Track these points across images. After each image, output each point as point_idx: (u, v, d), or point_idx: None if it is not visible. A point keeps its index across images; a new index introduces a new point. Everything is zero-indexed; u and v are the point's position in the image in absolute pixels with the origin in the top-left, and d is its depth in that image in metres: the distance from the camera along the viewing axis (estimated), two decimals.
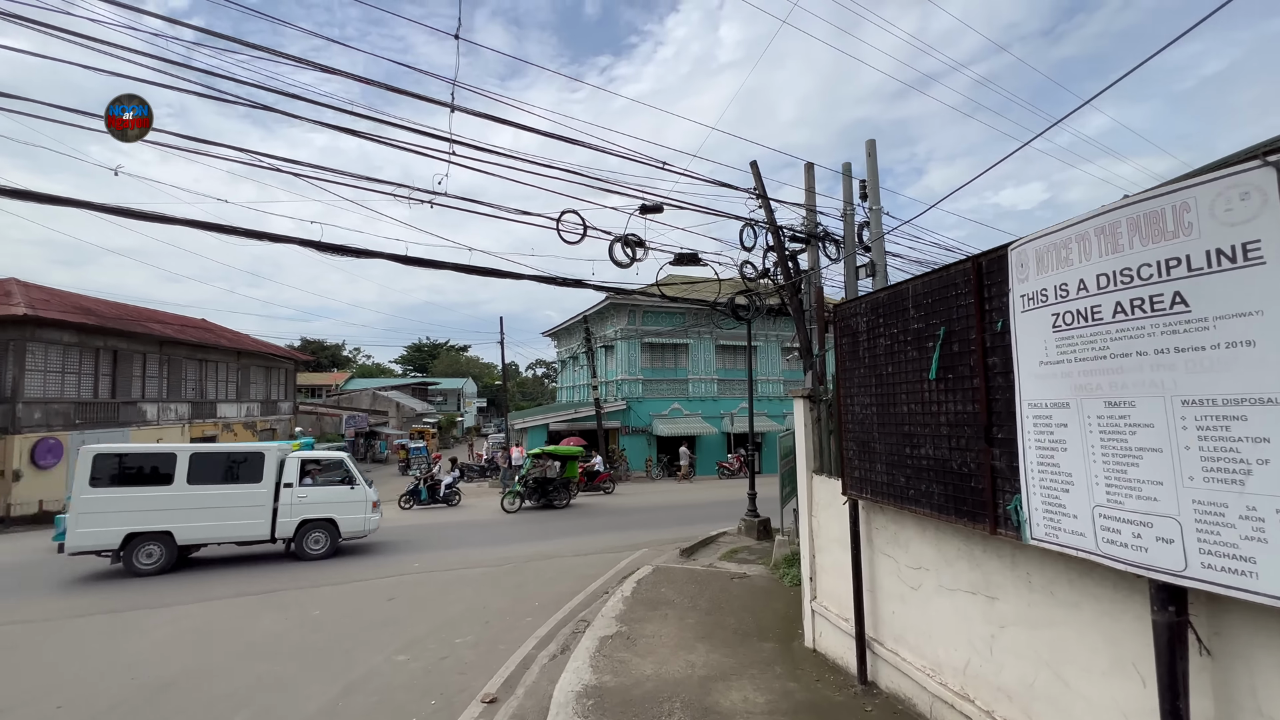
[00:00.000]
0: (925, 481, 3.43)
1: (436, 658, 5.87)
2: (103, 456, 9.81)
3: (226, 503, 10.20)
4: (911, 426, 3.54)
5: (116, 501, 9.61)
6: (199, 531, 10.07)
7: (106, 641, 6.51)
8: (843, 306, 4.34)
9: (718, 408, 27.37)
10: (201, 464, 10.22)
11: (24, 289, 19.55)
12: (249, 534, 10.35)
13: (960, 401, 3.14)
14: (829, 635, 4.89)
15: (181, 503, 9.91)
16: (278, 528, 10.50)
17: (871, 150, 10.83)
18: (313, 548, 10.64)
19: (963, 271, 3.14)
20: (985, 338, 2.98)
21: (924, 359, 3.43)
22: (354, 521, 11.03)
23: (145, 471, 10.04)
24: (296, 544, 10.64)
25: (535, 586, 8.45)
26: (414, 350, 75.54)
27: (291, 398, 32.51)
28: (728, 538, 11.57)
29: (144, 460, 10.17)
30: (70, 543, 9.41)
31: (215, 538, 10.25)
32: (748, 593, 7.33)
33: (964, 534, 3.36)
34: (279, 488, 10.60)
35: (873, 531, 4.24)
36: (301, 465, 10.97)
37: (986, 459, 2.94)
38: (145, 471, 10.04)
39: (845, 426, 4.29)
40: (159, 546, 9.79)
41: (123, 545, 9.60)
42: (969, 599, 3.35)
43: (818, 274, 11.51)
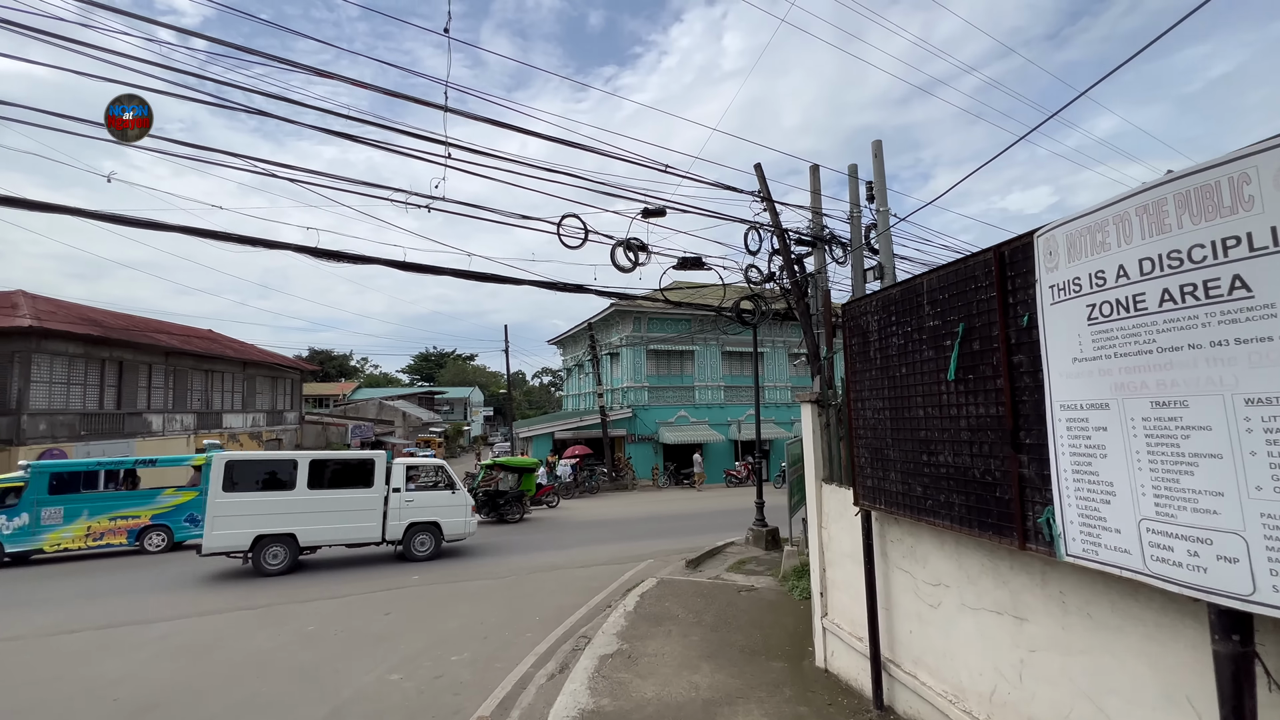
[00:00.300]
0: (944, 491, 3.17)
1: (430, 676, 5.62)
2: (233, 463, 10.42)
3: (342, 506, 10.77)
4: (928, 432, 3.29)
5: (246, 505, 10.18)
6: (318, 534, 10.63)
7: (92, 659, 6.31)
8: (852, 305, 4.10)
9: (724, 415, 27.06)
10: (319, 470, 10.82)
11: (30, 300, 19.62)
12: (362, 537, 10.88)
13: (982, 404, 2.89)
14: (841, 655, 4.61)
15: (302, 506, 10.49)
16: (387, 530, 11.00)
17: (878, 151, 10.61)
18: (419, 549, 11.17)
19: (983, 263, 2.90)
20: (1009, 334, 2.73)
21: (941, 359, 3.18)
22: (456, 525, 11.60)
23: (270, 477, 10.66)
24: (405, 546, 11.15)
25: (536, 599, 8.19)
26: (421, 360, 75.71)
27: (298, 408, 32.49)
28: (735, 548, 11.27)
29: (269, 467, 10.82)
30: (207, 544, 9.98)
31: (332, 540, 10.77)
32: (755, 607, 7.04)
33: (988, 549, 3.09)
34: (388, 493, 11.12)
35: (887, 545, 3.97)
36: (406, 471, 11.53)
37: (1013, 467, 2.68)
38: (270, 477, 10.66)
39: (856, 433, 4.03)
40: (283, 548, 10.35)
41: (251, 546, 10.17)
42: (995, 619, 3.08)
43: (824, 277, 11.28)
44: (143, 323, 24.40)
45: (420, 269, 8.79)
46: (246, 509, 10.15)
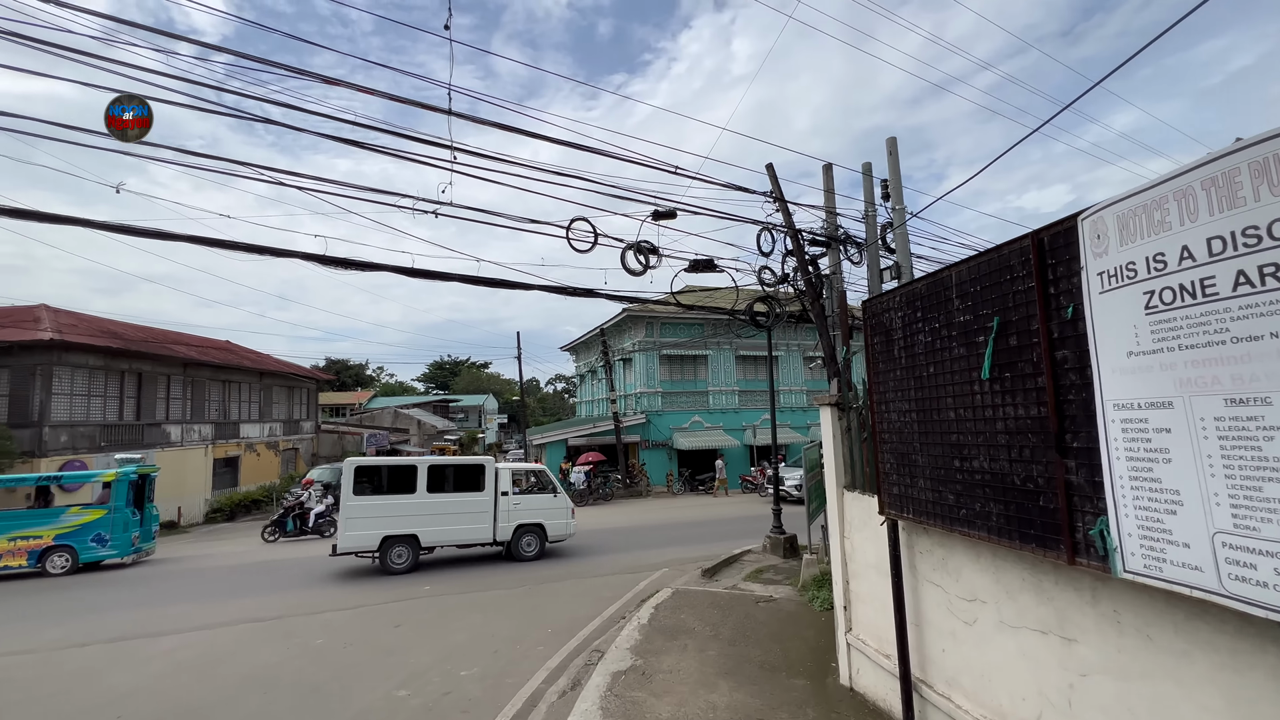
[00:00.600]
0: (980, 500, 2.93)
1: (439, 693, 5.44)
2: (361, 468, 11.01)
3: (457, 509, 11.33)
4: (961, 435, 3.05)
5: (374, 508, 10.79)
6: (437, 535, 11.19)
7: (99, 674, 6.22)
8: (874, 301, 3.87)
9: (739, 420, 26.73)
10: (437, 474, 11.38)
11: (52, 314, 19.94)
12: (476, 538, 11.43)
13: (1021, 404, 2.65)
14: (867, 673, 4.34)
15: (423, 509, 11.07)
16: (497, 532, 11.51)
17: (893, 148, 10.34)
18: (526, 550, 11.66)
19: (1019, 251, 2.66)
20: (1051, 327, 2.49)
21: (973, 356, 2.95)
22: (558, 526, 12.08)
23: (394, 481, 11.18)
24: (513, 546, 11.62)
25: (549, 610, 8.00)
26: (436, 368, 76.17)
27: (314, 417, 32.73)
28: (752, 556, 10.99)
29: (393, 471, 11.28)
30: (341, 544, 10.59)
31: (449, 540, 11.32)
32: (774, 619, 6.78)
33: (1030, 562, 2.84)
34: (497, 496, 11.60)
35: (916, 556, 3.72)
36: (511, 475, 12.02)
37: (1059, 473, 2.44)
38: (394, 481, 11.18)
39: (880, 437, 3.79)
40: (407, 548, 10.95)
41: (379, 547, 10.75)
42: (1039, 639, 2.82)
43: (839, 277, 11.03)
44: (161, 334, 24.73)
45: (429, 275, 8.69)
46: (374, 511, 10.75)
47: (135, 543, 13.26)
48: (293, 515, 16.33)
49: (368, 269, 8.20)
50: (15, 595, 10.48)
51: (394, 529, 10.85)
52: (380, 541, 10.75)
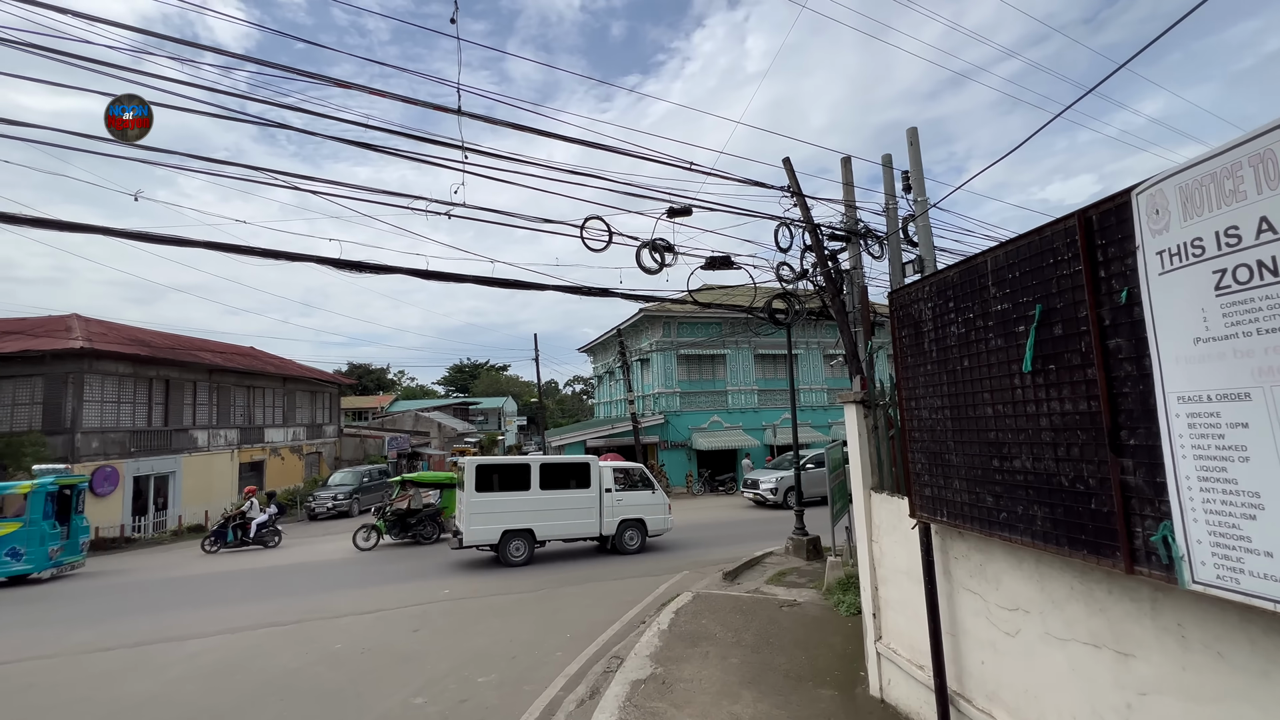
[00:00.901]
0: (1022, 502, 2.72)
1: (456, 700, 5.34)
2: (481, 467, 11.60)
3: (568, 505, 11.90)
4: (1000, 433, 2.83)
5: (494, 504, 11.37)
6: (550, 529, 11.76)
7: (121, 679, 6.24)
8: (902, 292, 3.66)
9: (759, 419, 26.41)
10: (549, 472, 11.95)
11: (83, 323, 20.45)
12: (584, 532, 12.02)
13: (1069, 398, 2.44)
14: (899, 684, 4.13)
15: (537, 505, 11.66)
16: (603, 526, 12.08)
17: (914, 139, 10.05)
18: (629, 544, 12.22)
19: (1063, 232, 2.45)
20: (1102, 314, 2.28)
21: (1013, 348, 2.74)
22: (657, 521, 12.63)
23: (511, 479, 11.73)
24: (617, 540, 12.18)
25: (567, 615, 7.88)
26: (455, 371, 76.83)
27: (336, 421, 33.16)
28: (774, 558, 10.75)
29: (509, 469, 11.89)
30: (467, 538, 11.16)
31: (560, 535, 11.90)
32: (799, 624, 6.56)
33: (1079, 570, 2.62)
34: (601, 492, 12.16)
35: (950, 562, 3.50)
36: (614, 473, 12.51)
37: (1114, 473, 2.22)
38: (511, 479, 11.73)
39: (910, 435, 3.58)
40: (524, 542, 11.51)
41: (499, 541, 11.34)
42: (1090, 653, 2.60)
43: (860, 273, 10.75)
44: (187, 342, 25.23)
45: (443, 276, 8.64)
46: (494, 507, 11.33)
47: (54, 556, 12.74)
48: (233, 525, 15.71)
49: (382, 272, 8.17)
50: None
51: (512, 524, 11.42)
52: (500, 536, 11.31)
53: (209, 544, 15.48)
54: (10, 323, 20.31)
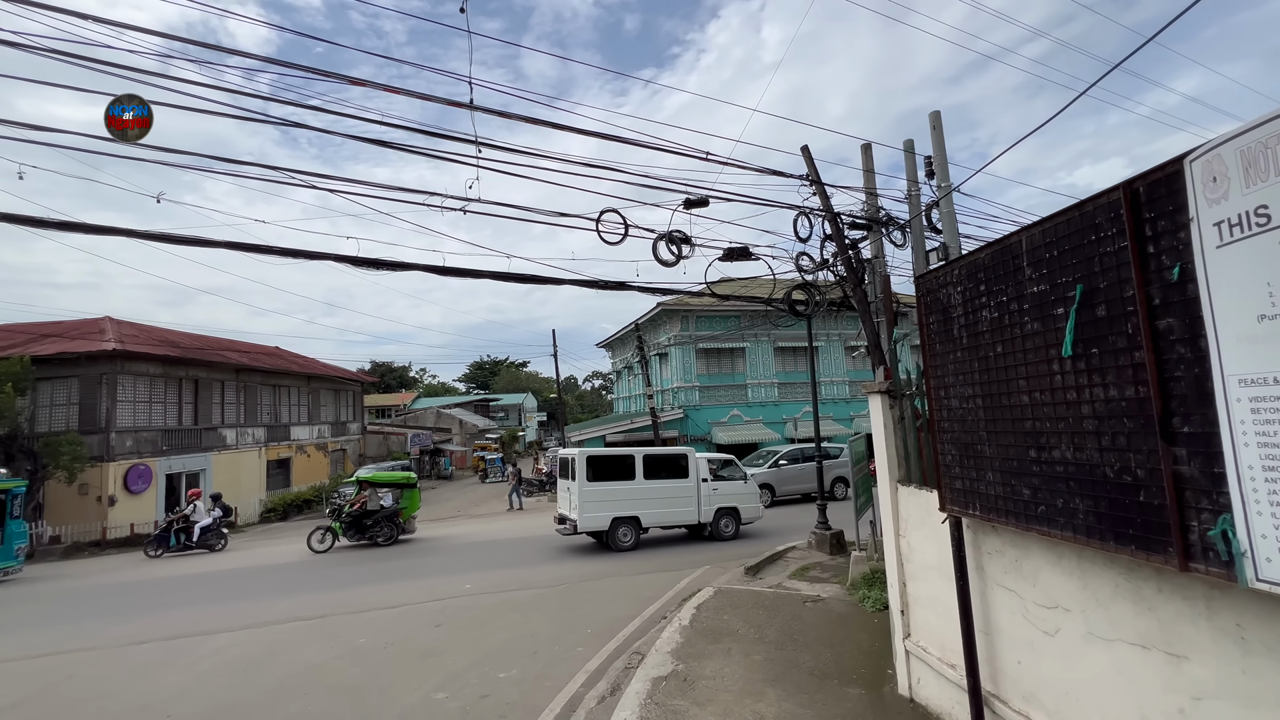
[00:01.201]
0: (1062, 495, 2.57)
1: (477, 695, 5.33)
2: (592, 458, 12.23)
3: (669, 493, 12.47)
4: (1037, 422, 2.68)
5: (604, 493, 11.99)
6: (653, 517, 12.36)
7: (151, 672, 6.37)
8: (929, 276, 3.51)
9: (779, 413, 26.12)
10: (651, 463, 12.52)
11: (115, 326, 20.99)
12: (684, 519, 12.65)
13: (1114, 384, 2.28)
14: (930, 683, 3.99)
15: (642, 494, 12.27)
16: (701, 514, 12.64)
17: (936, 123, 9.75)
18: (725, 531, 12.70)
19: (1106, 206, 2.29)
20: (1151, 292, 2.12)
21: (1051, 331, 2.58)
22: (750, 510, 13.19)
23: (618, 469, 12.29)
24: (714, 528, 12.66)
25: (588, 610, 7.84)
26: (476, 368, 77.56)
27: (360, 418, 33.67)
28: (797, 553, 10.60)
29: (616, 460, 12.47)
30: (581, 525, 11.80)
31: (662, 522, 12.54)
32: (823, 620, 6.43)
33: (1125, 566, 2.47)
34: (699, 482, 12.68)
35: (983, 557, 3.35)
36: (708, 464, 13.01)
37: (1165, 463, 2.07)
38: (618, 469, 12.29)
39: (939, 426, 3.44)
40: (631, 529, 12.15)
41: (609, 527, 11.94)
42: (1139, 655, 2.45)
43: (882, 261, 10.51)
44: (214, 342, 25.78)
45: (460, 272, 8.64)
46: (605, 496, 11.96)
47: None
48: (176, 530, 15.04)
49: (400, 268, 8.18)
50: None
51: (620, 511, 12.03)
52: (609, 522, 11.91)
53: (152, 549, 14.77)
54: (47, 326, 20.95)
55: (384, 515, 14.50)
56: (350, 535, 14.16)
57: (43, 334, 19.73)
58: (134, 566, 13.93)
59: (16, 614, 9.91)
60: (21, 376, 16.44)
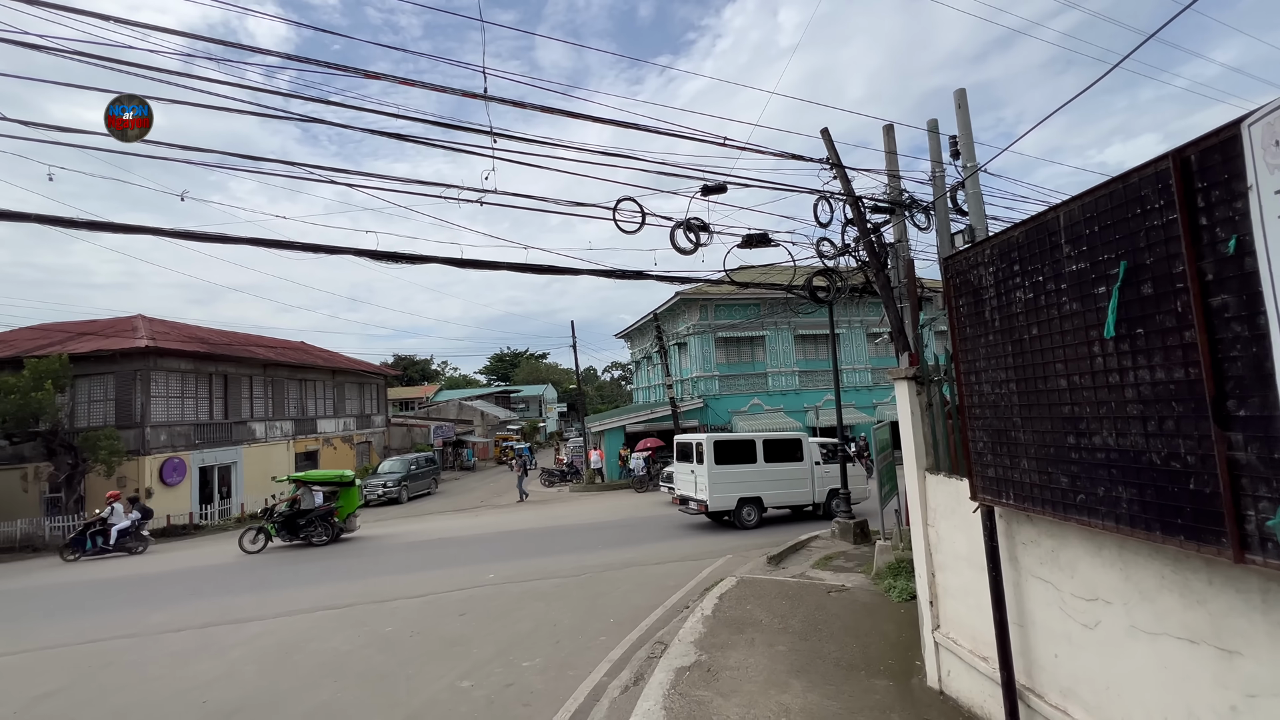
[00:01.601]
0: (1103, 483, 2.45)
1: (502, 684, 5.37)
2: (719, 442, 12.95)
3: (787, 475, 13.33)
4: (1076, 407, 2.56)
5: (730, 475, 12.71)
6: (774, 498, 13.19)
7: (188, 660, 6.54)
8: (958, 258, 3.37)
9: (800, 401, 25.87)
10: (770, 447, 13.36)
11: (147, 323, 21.56)
12: (800, 500, 13.50)
13: (1161, 366, 2.16)
14: (960, 675, 3.89)
15: (763, 476, 13.07)
16: (815, 495, 13.57)
17: (962, 101, 9.46)
18: (836, 510, 12.64)
19: (1153, 177, 2.15)
20: (1203, 267, 1.99)
21: (1091, 311, 2.45)
22: (860, 491, 13.72)
23: (741, 453, 13.02)
24: (826, 507, 13.43)
25: (610, 600, 7.86)
26: (496, 360, 78.25)
27: (384, 411, 34.20)
28: (820, 542, 10.51)
29: (738, 445, 13.20)
30: (711, 505, 12.48)
31: (782, 503, 13.34)
32: (848, 610, 6.35)
33: (1172, 557, 2.35)
34: (812, 465, 13.59)
35: (1017, 548, 3.24)
36: (820, 448, 13.88)
37: (1219, 449, 1.95)
38: (741, 453, 13.02)
39: (971, 412, 3.32)
40: (754, 509, 12.88)
41: (735, 507, 12.69)
42: (1186, 649, 2.33)
43: (905, 245, 10.27)
44: (242, 338, 26.35)
45: (477, 264, 8.63)
46: (731, 478, 12.66)
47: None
48: (93, 533, 14.38)
49: (416, 261, 8.20)
50: None
51: (745, 492, 12.76)
52: (736, 503, 12.62)
53: (68, 553, 14.16)
54: (83, 324, 21.61)
55: (317, 515, 14.01)
56: (283, 535, 13.72)
57: (79, 332, 20.36)
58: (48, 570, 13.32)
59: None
60: (60, 374, 17.00)
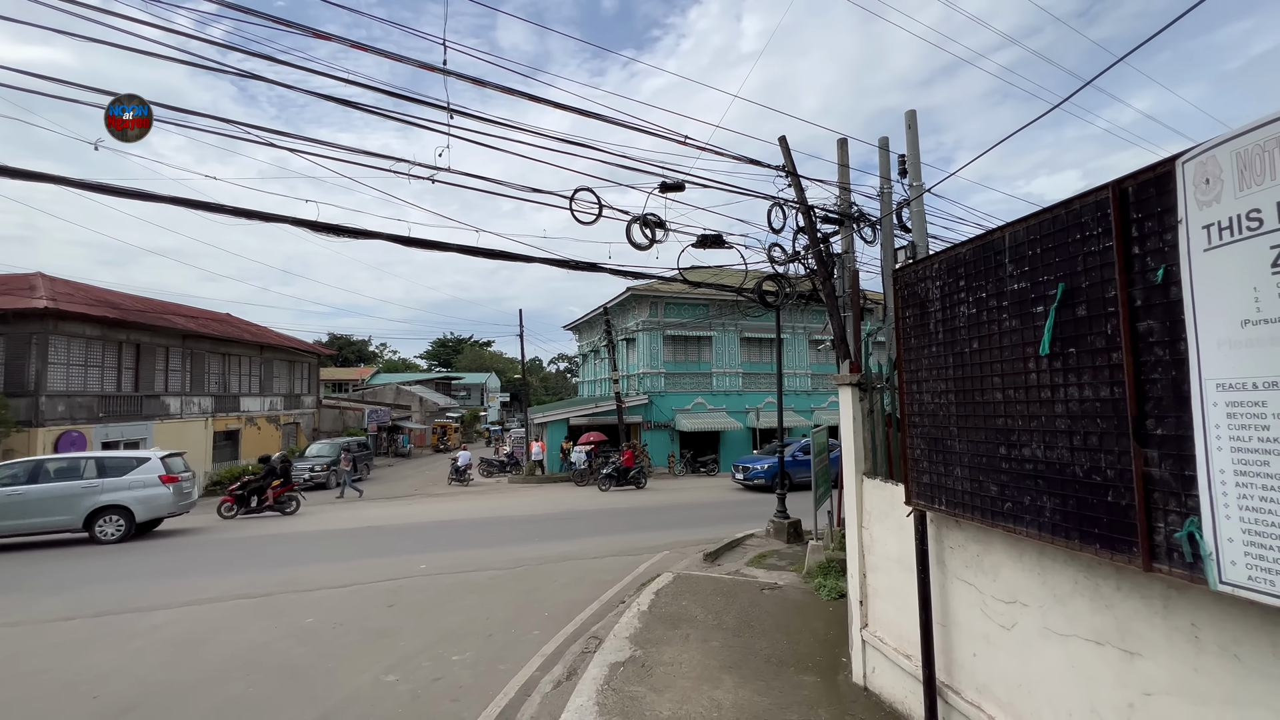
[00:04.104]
0: (1030, 492, 2.58)
1: (429, 679, 5.20)
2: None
3: None
4: (1009, 419, 2.69)
5: None
6: None
7: (80, 651, 6.00)
8: (908, 270, 3.48)
9: (742, 402, 26.43)
10: None
11: (48, 282, 19.62)
12: None
13: (1089, 384, 2.28)
14: (885, 672, 4.05)
15: None
16: None
17: (912, 122, 9.84)
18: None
19: (1093, 205, 2.28)
20: (1133, 294, 2.11)
21: (1029, 329, 2.58)
22: None
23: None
24: None
25: (545, 593, 7.75)
26: (439, 345, 75.98)
27: (315, 392, 32.55)
28: (755, 540, 10.74)
29: None
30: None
31: None
32: (780, 607, 6.50)
33: (1085, 564, 2.50)
34: None
35: (945, 551, 3.39)
36: None
37: (1136, 464, 2.08)
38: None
39: (910, 420, 3.44)
40: None
41: None
42: (1093, 650, 2.49)
43: (852, 256, 10.63)
44: (160, 305, 24.43)
45: (426, 244, 8.29)
46: None
47: None
48: None
49: (360, 236, 7.80)
50: None
51: None
52: None
53: None
54: None
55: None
56: None
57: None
58: None
59: None
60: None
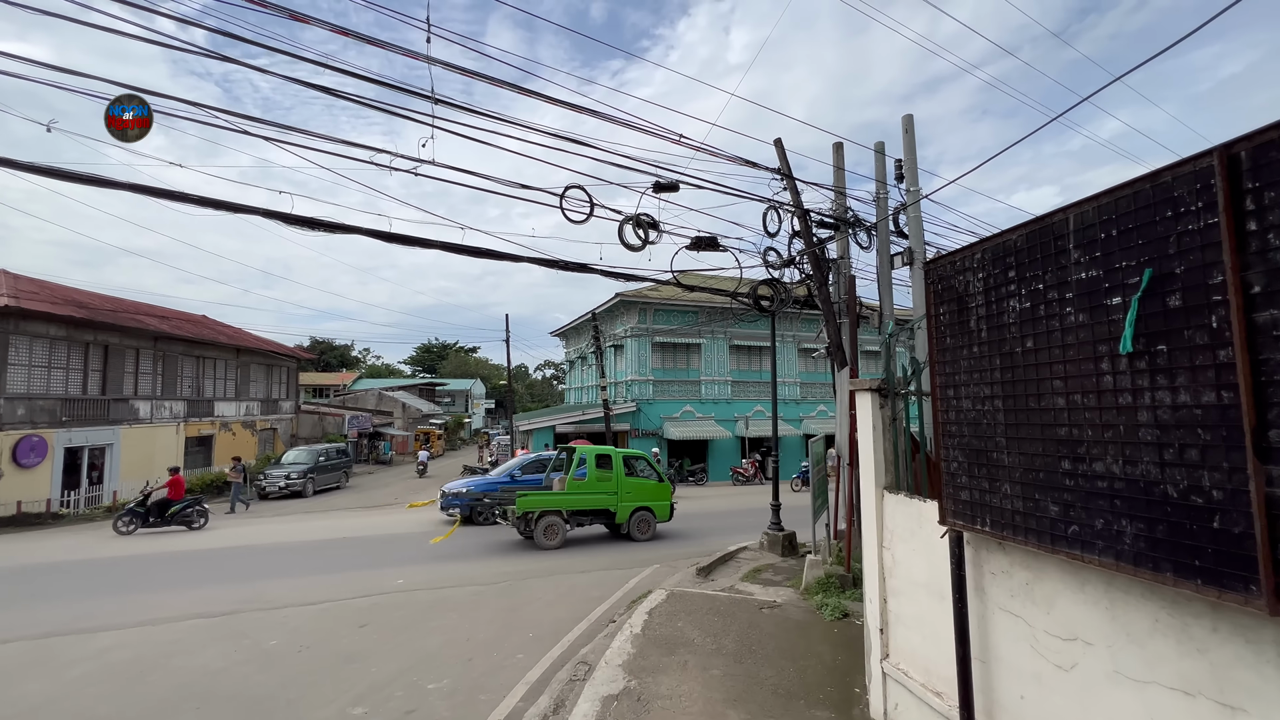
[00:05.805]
0: (1102, 514, 2.21)
1: (401, 710, 4.72)
2: None
3: None
4: (1075, 428, 2.32)
5: None
6: None
7: (15, 678, 5.42)
8: (942, 262, 3.12)
9: (731, 410, 26.08)
10: None
11: (11, 280, 18.74)
12: None
13: (1188, 387, 1.92)
14: (910, 710, 3.65)
15: None
16: None
17: (909, 126, 9.63)
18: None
19: (1192, 175, 1.92)
20: (1249, 278, 1.76)
21: (1101, 324, 2.22)
22: None
23: None
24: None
25: (530, 611, 7.28)
26: (423, 351, 74.85)
27: (294, 397, 31.65)
28: (748, 554, 10.35)
29: None
30: None
31: None
32: (781, 629, 6.09)
33: (1169, 599, 2.13)
34: None
35: (985, 578, 3.01)
36: None
37: (1257, 483, 1.72)
38: None
39: (946, 429, 3.07)
40: None
41: None
42: (1181, 701, 2.12)
43: (847, 261, 10.38)
44: (131, 305, 23.54)
45: (408, 240, 7.84)
46: None
47: None
48: None
49: (336, 230, 7.34)
50: None
51: None
52: None
53: None
54: None
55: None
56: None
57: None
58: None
59: None
60: None
